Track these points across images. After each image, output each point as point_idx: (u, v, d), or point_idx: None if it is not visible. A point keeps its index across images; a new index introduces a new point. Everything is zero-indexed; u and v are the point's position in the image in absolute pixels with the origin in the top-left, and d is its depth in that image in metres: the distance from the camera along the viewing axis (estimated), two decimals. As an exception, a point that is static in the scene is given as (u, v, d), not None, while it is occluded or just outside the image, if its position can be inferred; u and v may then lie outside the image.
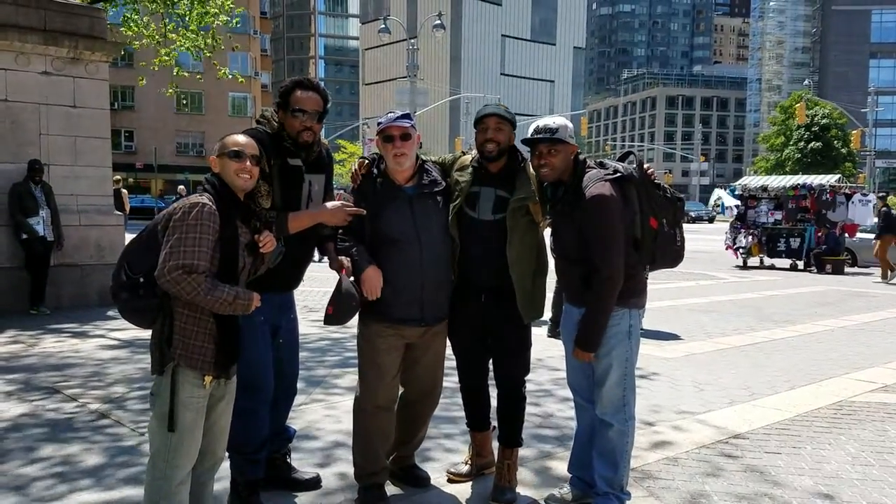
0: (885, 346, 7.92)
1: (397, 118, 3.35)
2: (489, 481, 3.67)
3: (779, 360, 7.08)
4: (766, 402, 5.54)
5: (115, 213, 10.25)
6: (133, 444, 4.25)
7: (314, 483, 3.69)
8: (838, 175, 22.48)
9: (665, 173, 69.98)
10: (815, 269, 16.87)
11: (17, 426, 4.61)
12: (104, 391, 5.45)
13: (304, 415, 4.82)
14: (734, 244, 18.46)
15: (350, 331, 7.77)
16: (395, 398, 3.50)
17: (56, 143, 9.38)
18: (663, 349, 7.43)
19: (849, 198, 17.61)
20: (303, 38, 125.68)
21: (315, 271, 4.45)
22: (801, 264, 17.52)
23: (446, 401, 3.82)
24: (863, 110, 50.04)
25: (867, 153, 50.15)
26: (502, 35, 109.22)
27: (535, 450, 4.29)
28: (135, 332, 7.68)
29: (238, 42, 18.84)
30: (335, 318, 3.27)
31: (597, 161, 3.38)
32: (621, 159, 3.37)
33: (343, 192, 4.04)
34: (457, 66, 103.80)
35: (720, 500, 3.67)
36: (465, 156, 3.67)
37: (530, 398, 3.84)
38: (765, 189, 18.66)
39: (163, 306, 2.67)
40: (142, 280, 2.67)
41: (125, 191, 17.65)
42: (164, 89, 17.21)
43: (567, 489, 3.58)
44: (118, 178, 15.12)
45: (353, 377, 5.64)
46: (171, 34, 15.29)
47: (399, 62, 73.84)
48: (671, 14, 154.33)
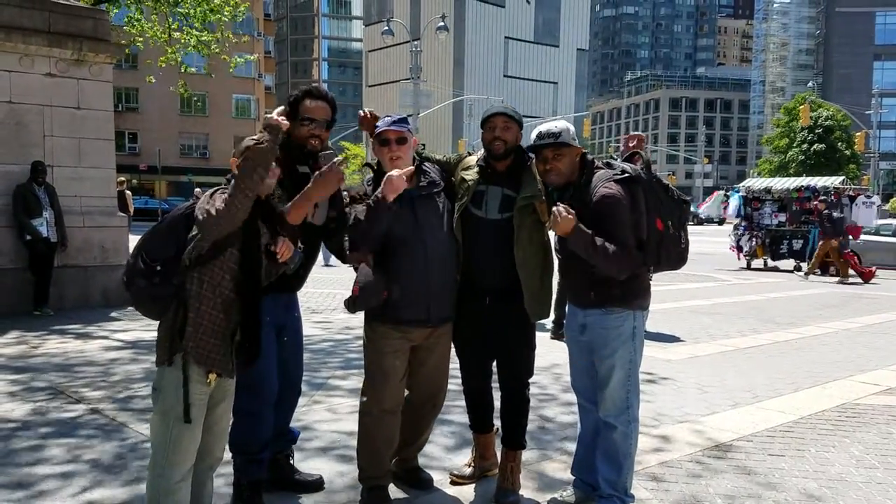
0: (889, 349, 7.90)
1: (393, 122, 3.36)
2: (492, 483, 3.67)
3: (782, 363, 7.06)
4: (769, 404, 5.53)
5: (119, 214, 10.26)
6: (137, 444, 4.26)
7: (317, 484, 3.69)
8: (842, 177, 22.44)
9: (668, 175, 69.85)
10: (819, 272, 16.83)
11: (23, 426, 4.62)
12: (108, 392, 5.46)
13: (306, 416, 4.82)
14: (738, 245, 18.44)
15: (353, 332, 7.82)
16: (400, 402, 3.49)
17: (60, 145, 9.41)
18: (666, 351, 7.42)
19: (853, 200, 17.60)
20: (306, 40, 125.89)
21: (317, 272, 4.45)
22: (804, 266, 17.48)
23: (449, 402, 3.82)
24: (867, 112, 49.97)
25: (871, 155, 50.01)
26: (505, 37, 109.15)
27: (538, 452, 4.29)
28: (138, 334, 7.70)
29: (246, 43, 18.91)
30: (360, 300, 3.26)
31: (604, 161, 3.38)
32: (627, 159, 3.37)
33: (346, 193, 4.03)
34: (460, 68, 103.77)
35: (723, 502, 3.66)
36: (469, 156, 3.68)
37: (533, 400, 3.84)
38: (769, 191, 18.64)
39: (178, 296, 2.70)
40: (159, 268, 2.69)
41: (129, 192, 17.69)
42: (172, 88, 17.27)
43: (570, 491, 3.57)
44: (122, 179, 15.16)
45: (355, 379, 5.65)
46: (176, 33, 15.34)
47: (402, 64, 73.88)
48: (674, 16, 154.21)
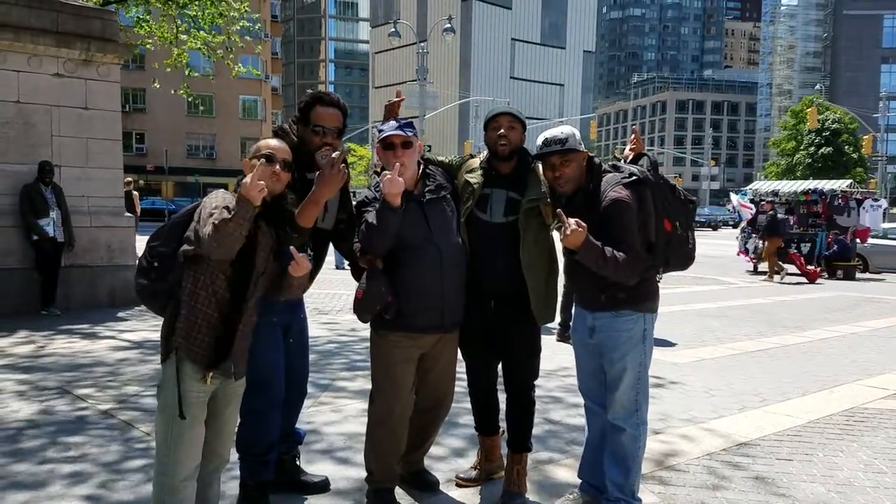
0: (897, 353, 7.86)
1: (398, 126, 3.31)
2: (498, 486, 3.66)
3: (790, 366, 7.03)
4: (777, 408, 5.50)
5: (126, 214, 10.28)
6: (145, 444, 4.26)
7: (323, 486, 3.68)
8: (849, 180, 22.35)
9: (675, 177, 69.64)
10: (826, 275, 16.77)
11: (31, 425, 4.63)
12: (116, 391, 5.47)
13: (312, 417, 4.81)
14: (746, 249, 18.39)
15: (359, 334, 7.80)
16: (410, 408, 3.45)
17: (67, 145, 9.43)
18: (674, 354, 7.40)
19: (860, 203, 17.54)
20: (313, 42, 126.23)
21: (325, 274, 4.45)
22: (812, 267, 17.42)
23: (455, 405, 3.81)
24: (874, 115, 49.69)
25: (878, 158, 49.83)
26: (512, 39, 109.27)
27: (544, 455, 4.28)
28: (145, 334, 7.72)
29: (249, 45, 18.95)
30: (363, 303, 3.24)
31: (610, 164, 3.36)
32: (634, 161, 3.36)
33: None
34: (466, 69, 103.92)
35: (731, 506, 3.64)
36: (473, 158, 3.65)
37: (539, 403, 3.83)
38: (776, 194, 18.57)
39: (172, 294, 2.74)
40: (155, 264, 2.80)
41: (136, 193, 17.71)
42: (177, 89, 17.28)
43: (577, 494, 3.56)
44: (129, 179, 15.17)
45: (362, 380, 5.64)
46: (183, 35, 15.38)
47: (409, 66, 74.01)
48: (682, 18, 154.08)
